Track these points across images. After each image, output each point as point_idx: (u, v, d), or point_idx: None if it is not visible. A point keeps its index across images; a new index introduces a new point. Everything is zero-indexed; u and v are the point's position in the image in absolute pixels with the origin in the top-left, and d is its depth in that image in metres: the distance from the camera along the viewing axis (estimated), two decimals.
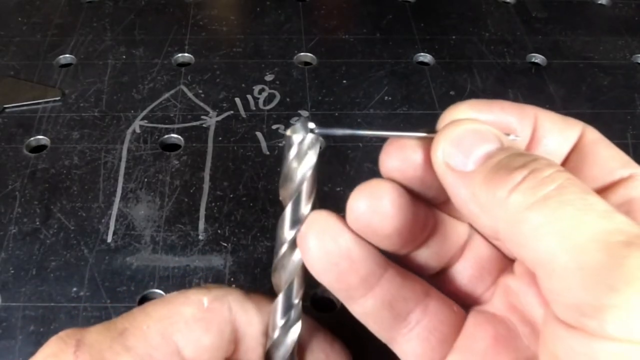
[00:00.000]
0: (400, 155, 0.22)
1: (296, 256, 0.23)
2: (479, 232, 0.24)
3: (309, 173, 0.22)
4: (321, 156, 0.23)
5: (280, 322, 0.24)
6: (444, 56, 0.51)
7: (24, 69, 0.48)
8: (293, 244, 0.23)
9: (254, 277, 0.36)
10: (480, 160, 0.19)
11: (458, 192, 0.20)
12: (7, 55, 0.49)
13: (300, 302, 0.24)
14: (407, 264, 0.24)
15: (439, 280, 0.24)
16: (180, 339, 0.23)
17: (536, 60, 0.51)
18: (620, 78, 0.50)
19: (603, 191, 0.21)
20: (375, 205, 0.21)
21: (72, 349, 0.21)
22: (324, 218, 0.22)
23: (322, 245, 0.22)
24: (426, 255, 0.23)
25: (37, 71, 0.48)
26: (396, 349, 0.24)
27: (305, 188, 0.22)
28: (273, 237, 0.38)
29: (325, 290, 0.36)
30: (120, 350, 0.22)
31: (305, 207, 0.22)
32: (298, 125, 0.22)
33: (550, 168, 0.18)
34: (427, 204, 0.23)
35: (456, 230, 0.24)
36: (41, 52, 0.50)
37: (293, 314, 0.24)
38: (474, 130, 0.20)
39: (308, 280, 0.24)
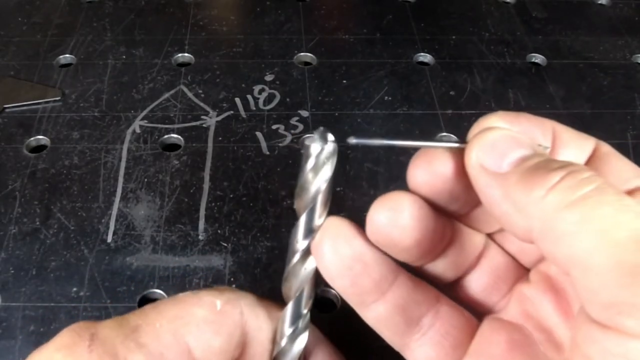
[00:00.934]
0: (429, 168, 0.22)
1: (307, 266, 0.23)
2: (495, 242, 0.25)
3: (324, 185, 0.22)
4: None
5: (288, 330, 0.24)
6: (444, 56, 0.51)
7: (24, 69, 0.48)
8: (305, 254, 0.23)
9: (254, 277, 0.36)
10: (515, 162, 0.20)
11: (491, 192, 0.20)
12: (7, 55, 0.49)
13: (309, 313, 0.24)
14: (422, 274, 0.24)
15: (453, 289, 0.25)
16: (191, 339, 0.23)
17: (536, 60, 0.51)
18: (620, 78, 0.50)
19: None
20: (395, 219, 0.22)
21: (86, 342, 0.21)
22: (338, 224, 0.23)
23: (336, 250, 0.22)
24: (442, 266, 0.24)
25: (37, 71, 0.48)
26: (408, 355, 0.24)
27: (320, 199, 0.22)
28: (273, 237, 0.38)
29: (325, 290, 0.36)
30: (134, 347, 0.22)
31: (319, 219, 0.23)
32: (316, 136, 0.22)
33: (587, 171, 0.18)
34: (447, 216, 0.23)
35: (473, 241, 0.24)
36: (41, 52, 0.50)
37: (301, 323, 0.24)
38: (508, 136, 0.21)
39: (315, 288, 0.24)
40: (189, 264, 0.36)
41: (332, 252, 0.22)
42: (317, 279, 0.24)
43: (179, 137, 0.43)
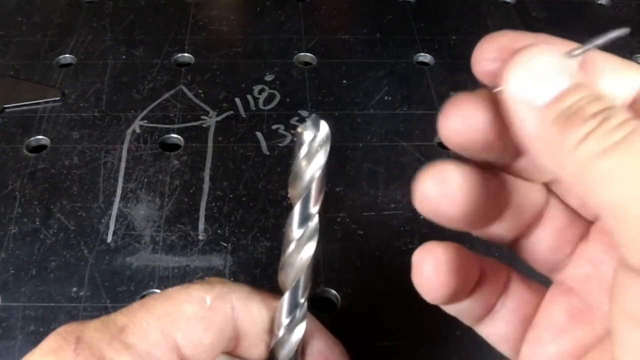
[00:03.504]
0: (459, 116, 0.21)
1: (303, 255, 0.23)
2: (555, 195, 0.23)
3: (318, 172, 0.22)
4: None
5: (285, 320, 0.24)
6: (444, 56, 0.51)
7: (24, 69, 0.48)
8: (300, 243, 0.23)
9: (254, 277, 0.36)
10: (554, 95, 0.18)
11: (525, 125, 0.19)
12: (7, 55, 0.49)
13: (306, 302, 0.24)
14: (482, 237, 0.24)
15: (516, 249, 0.24)
16: (180, 337, 0.23)
17: None
18: None
19: None
20: (442, 191, 0.21)
21: (72, 346, 0.21)
22: (434, 256, 0.22)
23: (441, 283, 0.22)
24: (501, 228, 0.23)
25: (37, 71, 0.48)
26: (481, 330, 0.24)
27: (314, 187, 0.22)
28: (273, 237, 0.38)
29: (325, 290, 0.36)
30: (120, 348, 0.22)
31: (313, 207, 0.23)
32: (309, 123, 0.22)
33: (623, 114, 0.17)
34: (497, 174, 0.22)
35: (531, 197, 0.23)
36: (41, 52, 0.50)
37: (298, 313, 0.24)
38: (549, 60, 0.19)
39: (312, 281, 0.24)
40: (189, 264, 0.36)
41: (440, 286, 0.21)
42: (314, 268, 0.24)
43: (179, 137, 0.43)
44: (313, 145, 0.22)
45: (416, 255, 0.22)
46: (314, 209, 0.23)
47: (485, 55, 0.21)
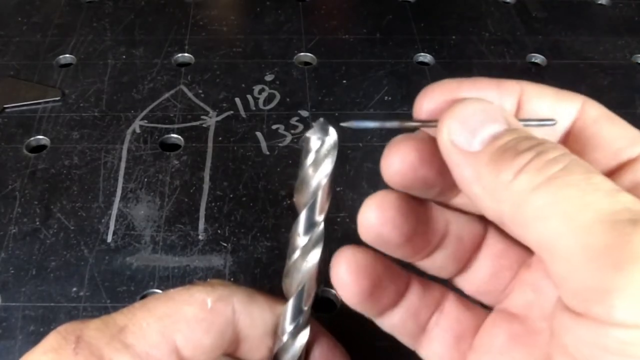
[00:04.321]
0: (398, 156, 0.21)
1: (309, 261, 0.23)
2: (492, 226, 0.24)
3: (325, 180, 0.22)
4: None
5: (289, 327, 0.24)
6: (444, 56, 0.51)
7: (24, 69, 0.48)
8: (306, 249, 0.23)
9: (254, 277, 0.36)
10: (486, 140, 0.19)
11: (463, 172, 0.19)
12: (7, 55, 0.49)
13: (310, 309, 0.24)
14: (425, 270, 0.24)
15: (459, 282, 0.24)
16: (180, 338, 0.23)
17: (536, 60, 0.51)
18: (620, 78, 0.50)
19: (609, 176, 0.19)
20: (383, 217, 0.22)
21: (71, 345, 0.21)
22: (351, 257, 0.23)
23: (357, 282, 0.22)
24: (442, 259, 0.23)
25: (37, 71, 0.48)
26: (422, 353, 0.24)
27: (321, 194, 0.22)
28: (273, 237, 0.38)
29: (325, 290, 0.36)
30: (120, 348, 0.22)
31: (319, 215, 0.23)
32: (316, 128, 0.21)
33: (556, 150, 0.17)
34: (436, 206, 0.23)
35: (470, 229, 0.23)
36: (41, 52, 0.50)
37: (302, 319, 0.24)
38: (480, 109, 0.19)
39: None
40: (189, 264, 0.36)
41: (352, 285, 0.22)
42: (319, 276, 0.24)
43: (179, 137, 0.43)
44: (320, 152, 0.22)
45: (333, 257, 0.23)
46: (320, 216, 0.23)
47: (425, 109, 0.22)
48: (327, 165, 0.22)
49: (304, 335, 0.24)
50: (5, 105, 0.45)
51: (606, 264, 0.14)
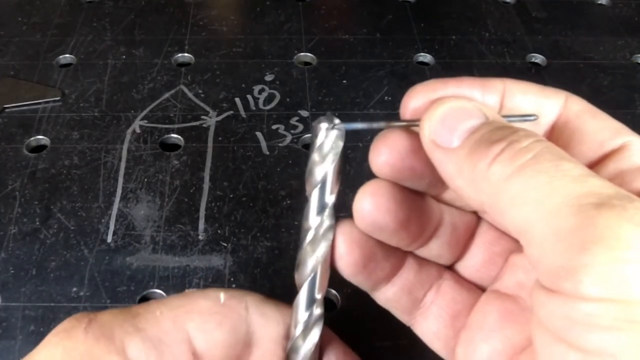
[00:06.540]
0: (387, 147, 0.22)
1: (321, 246, 0.23)
2: (483, 218, 0.25)
3: (330, 169, 0.23)
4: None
5: (303, 316, 0.24)
6: (444, 56, 0.51)
7: (24, 69, 0.48)
8: (317, 234, 0.23)
9: (254, 277, 0.36)
10: (464, 135, 0.20)
11: (446, 168, 0.20)
12: (7, 55, 0.49)
13: (323, 299, 0.24)
14: (422, 258, 0.25)
15: (455, 269, 0.25)
16: (192, 328, 0.23)
17: (536, 60, 0.51)
18: (620, 78, 0.50)
19: (594, 166, 0.21)
20: (377, 203, 0.22)
21: (83, 326, 0.22)
22: (349, 229, 0.23)
23: (352, 252, 0.23)
24: (438, 247, 0.24)
25: (37, 71, 0.48)
26: (417, 329, 0.25)
27: (329, 180, 0.23)
28: (273, 237, 0.38)
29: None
30: (131, 330, 0.22)
31: (330, 196, 0.23)
32: (324, 118, 0.22)
33: (528, 139, 0.18)
34: (430, 197, 0.24)
35: (463, 218, 0.24)
36: (41, 52, 0.50)
37: (315, 309, 0.24)
38: (457, 107, 0.20)
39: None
40: (189, 264, 0.36)
41: (346, 256, 0.23)
42: (332, 262, 0.24)
43: (179, 137, 0.43)
44: (328, 139, 0.22)
45: (337, 229, 0.23)
46: (331, 197, 0.23)
47: (410, 108, 0.22)
48: (334, 155, 0.23)
49: (317, 332, 0.24)
50: (5, 105, 0.45)
51: (573, 245, 0.16)
